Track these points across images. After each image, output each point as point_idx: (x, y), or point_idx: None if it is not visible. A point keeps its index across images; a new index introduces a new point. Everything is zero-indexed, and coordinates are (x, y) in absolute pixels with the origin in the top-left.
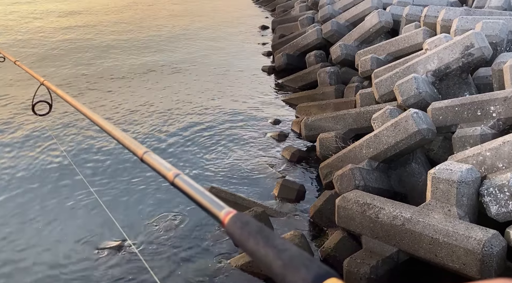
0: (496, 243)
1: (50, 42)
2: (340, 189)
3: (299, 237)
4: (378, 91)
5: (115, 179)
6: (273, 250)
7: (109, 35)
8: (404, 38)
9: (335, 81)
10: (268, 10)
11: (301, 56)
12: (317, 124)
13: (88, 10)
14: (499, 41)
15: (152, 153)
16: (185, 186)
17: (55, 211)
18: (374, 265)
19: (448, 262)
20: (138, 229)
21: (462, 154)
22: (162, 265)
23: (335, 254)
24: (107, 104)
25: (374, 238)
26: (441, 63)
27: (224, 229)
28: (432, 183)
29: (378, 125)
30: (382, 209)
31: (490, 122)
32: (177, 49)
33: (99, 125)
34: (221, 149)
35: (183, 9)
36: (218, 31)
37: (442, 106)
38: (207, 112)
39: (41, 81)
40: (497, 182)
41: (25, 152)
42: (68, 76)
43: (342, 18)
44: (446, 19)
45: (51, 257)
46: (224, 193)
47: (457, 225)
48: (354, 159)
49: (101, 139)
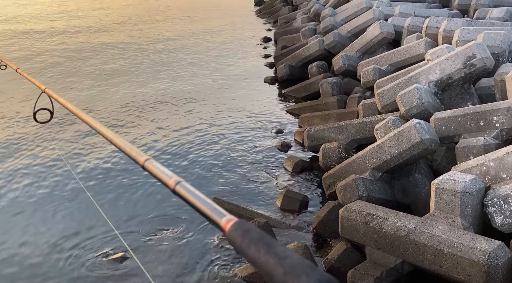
0: (502, 254)
1: (51, 49)
2: (344, 199)
3: (302, 248)
4: (381, 101)
5: (116, 186)
6: (274, 258)
7: (110, 41)
8: (406, 49)
9: (337, 92)
10: (270, 22)
11: (303, 67)
12: (320, 134)
13: (88, 16)
14: (501, 51)
15: (153, 160)
16: (186, 193)
17: (53, 218)
18: (378, 277)
19: (453, 273)
20: (139, 237)
21: (466, 164)
22: (163, 273)
23: (338, 265)
24: (109, 111)
25: (378, 249)
26: (443, 74)
27: (225, 236)
28: (436, 193)
29: (381, 136)
30: (386, 220)
31: (493, 133)
32: (180, 61)
33: (101, 133)
34: (224, 159)
35: (185, 22)
36: (221, 43)
37: (444, 117)
38: (209, 122)
39: (42, 89)
40: (501, 193)
41: (25, 160)
42: (69, 82)
43: (344, 29)
44: (448, 30)
45: (50, 266)
46: (227, 204)
47: (462, 235)
48: (357, 169)
49: (102, 146)
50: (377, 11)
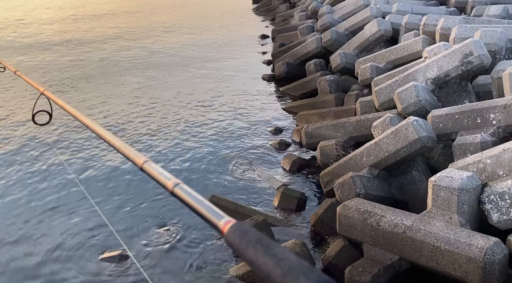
0: (498, 251)
1: (51, 50)
2: (341, 197)
3: (300, 245)
4: (378, 99)
5: (115, 187)
6: (272, 259)
7: (109, 44)
8: (403, 47)
9: (335, 90)
10: (268, 19)
11: (301, 65)
12: (318, 132)
13: (87, 17)
14: (498, 49)
15: (152, 162)
16: (185, 195)
17: (51, 218)
18: (376, 274)
19: (450, 270)
20: (137, 238)
21: (463, 162)
22: (162, 274)
23: (336, 263)
24: (107, 113)
25: (376, 246)
26: (441, 71)
27: (223, 238)
28: (433, 190)
29: (378, 133)
30: (383, 217)
31: (490, 130)
32: (178, 59)
33: (99, 135)
34: (221, 157)
35: (183, 19)
36: (219, 40)
37: (442, 114)
38: (207, 121)
39: (41, 91)
40: (498, 190)
41: (23, 162)
42: (68, 85)
43: (342, 27)
44: (445, 27)
45: (48, 266)
46: (225, 201)
47: (459, 232)
48: (355, 166)
49: (101, 147)
50: (375, 9)
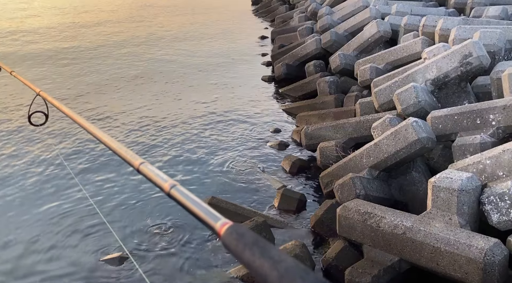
0: (498, 252)
1: (46, 51)
2: (341, 198)
3: (300, 247)
4: (378, 100)
5: (114, 187)
6: (269, 261)
7: (107, 43)
8: (402, 48)
9: (334, 91)
10: (267, 20)
11: (301, 66)
12: (317, 133)
13: (85, 17)
14: (497, 50)
15: (148, 163)
16: (181, 197)
17: (51, 219)
18: (376, 275)
19: (450, 271)
20: (135, 240)
21: (462, 162)
22: (160, 276)
23: (336, 264)
24: (104, 114)
25: (376, 247)
26: (440, 72)
27: (220, 240)
28: (433, 191)
29: (378, 134)
30: (383, 218)
31: (489, 131)
32: (177, 60)
33: (95, 136)
34: (221, 159)
35: (182, 20)
36: (218, 42)
37: (441, 115)
38: (206, 122)
39: (37, 91)
40: (497, 190)
41: (21, 161)
42: (64, 86)
43: (341, 28)
44: (444, 28)
45: (48, 266)
46: (225, 203)
47: (459, 233)
48: (355, 168)
49: (98, 149)
50: (374, 10)
